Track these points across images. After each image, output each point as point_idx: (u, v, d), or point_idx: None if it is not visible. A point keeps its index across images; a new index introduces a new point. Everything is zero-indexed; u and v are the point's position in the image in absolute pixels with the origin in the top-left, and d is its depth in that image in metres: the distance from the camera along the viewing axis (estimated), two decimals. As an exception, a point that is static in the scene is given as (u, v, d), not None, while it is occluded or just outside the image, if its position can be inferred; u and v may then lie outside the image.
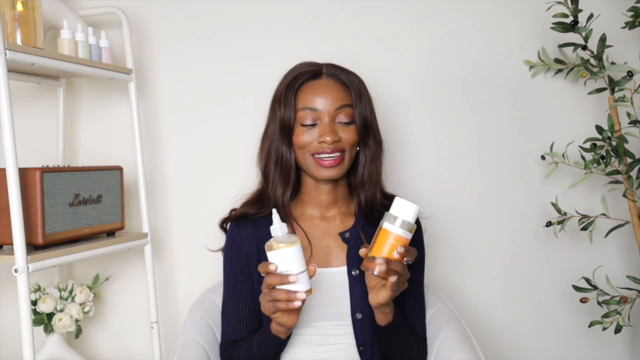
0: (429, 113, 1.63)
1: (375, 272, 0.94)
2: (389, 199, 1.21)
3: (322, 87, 1.11)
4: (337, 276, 1.13)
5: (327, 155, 1.09)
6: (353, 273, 1.13)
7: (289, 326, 0.99)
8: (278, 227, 0.95)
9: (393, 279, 0.94)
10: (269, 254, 0.94)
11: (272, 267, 0.93)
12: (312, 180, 1.16)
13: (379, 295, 0.99)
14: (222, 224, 1.23)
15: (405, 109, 1.62)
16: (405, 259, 0.95)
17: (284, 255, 0.93)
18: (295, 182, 1.17)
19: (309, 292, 0.94)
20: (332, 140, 1.08)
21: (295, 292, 0.93)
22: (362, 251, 0.98)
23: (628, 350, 1.65)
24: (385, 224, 0.95)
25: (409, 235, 0.95)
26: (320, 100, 1.09)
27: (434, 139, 1.64)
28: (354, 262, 1.13)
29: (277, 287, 0.93)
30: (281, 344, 1.06)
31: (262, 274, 0.96)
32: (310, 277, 0.96)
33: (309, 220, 1.18)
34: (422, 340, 1.19)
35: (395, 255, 0.94)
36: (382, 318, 1.06)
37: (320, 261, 1.15)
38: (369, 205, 1.17)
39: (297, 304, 0.92)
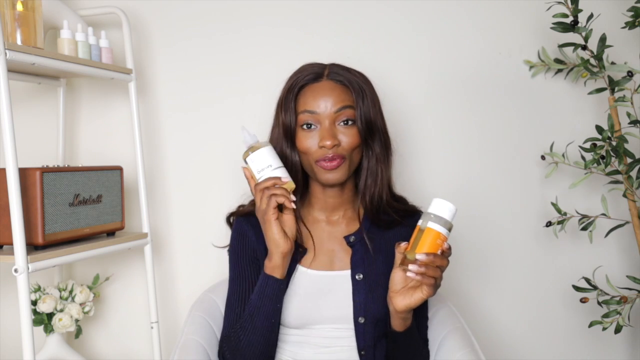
0: (429, 113, 1.63)
1: (416, 266, 0.95)
2: (397, 201, 1.21)
3: (321, 90, 1.09)
4: (341, 279, 1.13)
5: (328, 161, 1.08)
6: (357, 277, 1.12)
7: (281, 248, 1.04)
8: (249, 137, 1.08)
9: (437, 274, 0.96)
10: (247, 159, 1.08)
11: (250, 165, 1.07)
12: (318, 184, 1.15)
13: (412, 297, 1.00)
14: (229, 218, 1.22)
15: (405, 109, 1.62)
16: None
17: (260, 154, 1.06)
18: (303, 184, 1.17)
19: (290, 183, 1.06)
20: (332, 145, 1.06)
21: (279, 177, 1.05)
22: (402, 245, 0.99)
23: (628, 350, 1.65)
24: (430, 223, 0.96)
25: (448, 235, 0.97)
26: (319, 103, 1.08)
27: (434, 139, 1.64)
28: (358, 266, 1.13)
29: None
30: (278, 287, 1.05)
31: (247, 179, 1.08)
32: None
33: (315, 223, 1.18)
34: (426, 342, 1.19)
35: (439, 253, 0.96)
36: (401, 324, 1.05)
37: (324, 264, 1.14)
38: (375, 208, 1.15)
39: (285, 179, 1.04)
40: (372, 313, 1.09)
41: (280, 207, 1.06)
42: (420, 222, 0.97)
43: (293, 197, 1.03)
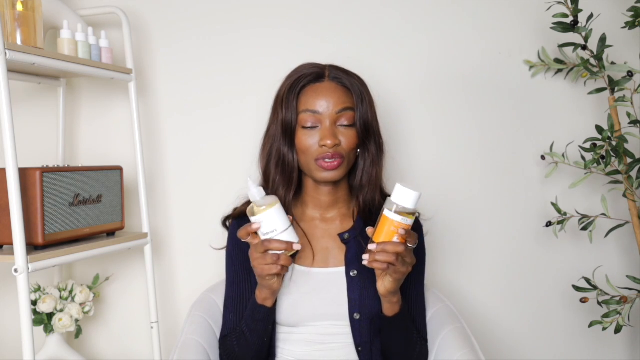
0: (429, 113, 1.63)
1: (367, 255, 0.98)
2: None
3: (324, 90, 1.11)
4: (335, 276, 1.14)
5: (328, 160, 1.09)
6: (351, 274, 1.13)
7: (275, 289, 1.04)
8: (256, 192, 0.99)
9: (389, 259, 0.96)
10: (253, 219, 0.99)
11: (255, 226, 0.99)
12: (312, 182, 1.17)
13: (385, 282, 1.02)
14: (224, 222, 1.23)
15: (405, 109, 1.62)
16: (408, 243, 0.97)
17: (267, 216, 0.97)
18: (297, 183, 1.18)
19: (298, 244, 0.99)
20: (333, 144, 1.08)
21: (290, 242, 0.98)
22: (369, 230, 1.01)
23: (628, 350, 1.65)
24: (385, 211, 0.97)
25: (408, 221, 0.97)
26: (321, 103, 1.10)
27: (434, 139, 1.64)
28: (353, 263, 1.14)
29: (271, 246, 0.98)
30: (268, 314, 1.08)
31: (245, 240, 1.01)
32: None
33: (309, 221, 1.19)
34: (424, 341, 1.19)
35: (395, 240, 0.96)
36: (390, 308, 1.07)
37: (318, 261, 1.15)
38: (368, 208, 1.17)
39: (297, 247, 0.98)
40: (367, 309, 1.11)
41: None
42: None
43: (298, 248, 1.00)
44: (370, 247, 0.97)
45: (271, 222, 0.98)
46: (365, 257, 0.99)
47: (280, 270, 0.99)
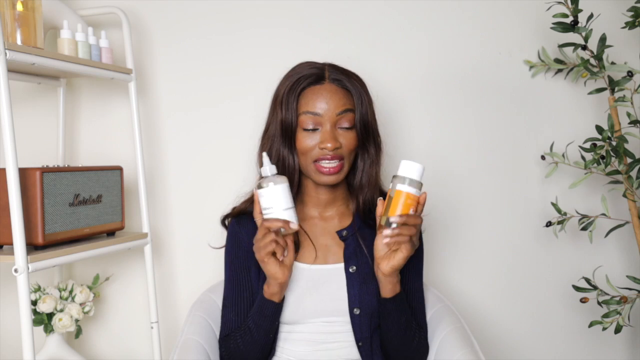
0: (429, 113, 1.63)
1: (389, 230, 0.99)
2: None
3: (324, 92, 1.11)
4: (335, 273, 1.15)
5: (327, 162, 1.10)
6: (350, 270, 1.14)
7: (279, 280, 1.04)
8: (268, 168, 1.03)
9: (412, 232, 0.99)
10: (259, 192, 1.02)
11: (256, 197, 1.03)
12: (311, 182, 1.17)
13: (395, 258, 1.03)
14: (223, 220, 1.24)
15: (404, 108, 1.62)
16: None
17: (270, 192, 1.01)
18: (297, 184, 1.18)
19: (296, 223, 1.01)
20: (333, 147, 1.09)
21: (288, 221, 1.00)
22: (379, 209, 1.03)
23: (628, 350, 1.65)
24: (399, 186, 1.00)
25: (419, 193, 1.01)
26: (322, 105, 1.10)
27: (433, 139, 1.64)
28: (351, 259, 1.15)
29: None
30: (276, 310, 1.08)
31: (256, 219, 1.04)
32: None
33: (308, 219, 1.20)
34: (424, 333, 1.19)
35: (411, 212, 1.00)
36: (390, 289, 1.08)
37: (318, 258, 1.16)
38: (367, 207, 1.18)
39: (294, 226, 1.00)
40: (367, 304, 1.12)
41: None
42: (390, 187, 1.02)
43: (295, 227, 1.01)
44: (393, 219, 0.99)
45: (272, 198, 1.00)
46: (387, 232, 1.00)
47: (275, 248, 1.01)
